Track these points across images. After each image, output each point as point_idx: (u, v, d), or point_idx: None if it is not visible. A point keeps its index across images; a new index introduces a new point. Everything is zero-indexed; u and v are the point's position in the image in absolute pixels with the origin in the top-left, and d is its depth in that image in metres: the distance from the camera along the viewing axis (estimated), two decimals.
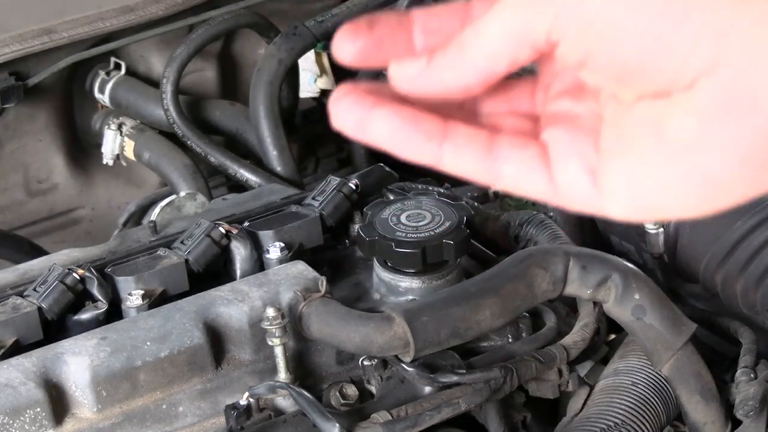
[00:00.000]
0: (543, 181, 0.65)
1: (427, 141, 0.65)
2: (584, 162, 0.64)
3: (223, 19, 2.14)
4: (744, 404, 1.35)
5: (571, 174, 0.64)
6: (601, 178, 0.63)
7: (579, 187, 0.64)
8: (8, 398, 1.26)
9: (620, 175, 0.63)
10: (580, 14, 0.60)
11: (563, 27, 0.61)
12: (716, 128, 0.59)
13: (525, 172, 0.65)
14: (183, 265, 1.46)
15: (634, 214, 0.64)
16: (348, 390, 1.36)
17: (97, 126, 2.29)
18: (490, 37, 0.63)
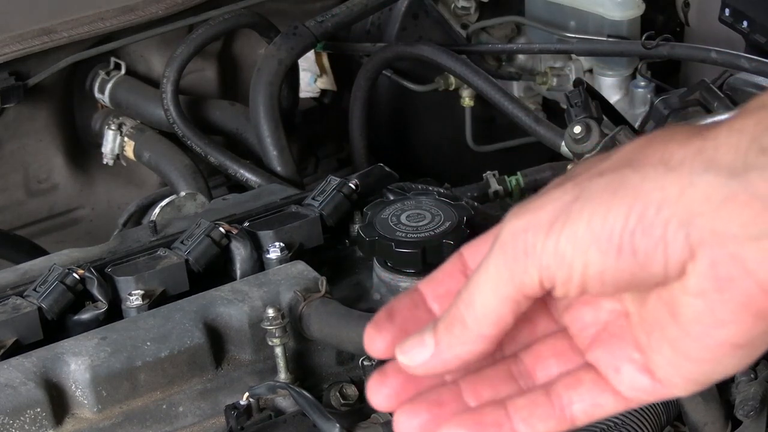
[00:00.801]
0: (612, 399, 0.70)
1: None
2: (636, 365, 0.69)
3: (223, 19, 2.14)
4: (744, 404, 1.35)
5: (630, 380, 0.69)
6: (655, 373, 0.68)
7: (644, 388, 0.69)
8: (8, 398, 1.26)
9: (667, 365, 0.67)
10: (561, 265, 0.65)
11: (551, 276, 0.66)
12: (720, 300, 0.63)
13: (592, 402, 0.70)
14: (183, 265, 1.45)
15: (696, 387, 0.68)
16: (348, 390, 1.36)
17: (97, 126, 2.29)
18: (486, 304, 0.68)
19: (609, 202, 0.64)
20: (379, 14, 2.36)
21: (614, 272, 0.64)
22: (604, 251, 0.64)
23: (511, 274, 0.66)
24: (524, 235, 0.66)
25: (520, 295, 0.67)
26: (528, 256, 0.66)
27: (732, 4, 2.08)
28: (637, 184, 0.64)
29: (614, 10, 2.26)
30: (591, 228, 0.64)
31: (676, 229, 0.62)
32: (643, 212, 0.63)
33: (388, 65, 2.25)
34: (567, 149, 1.82)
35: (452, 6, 2.43)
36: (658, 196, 0.63)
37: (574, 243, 0.65)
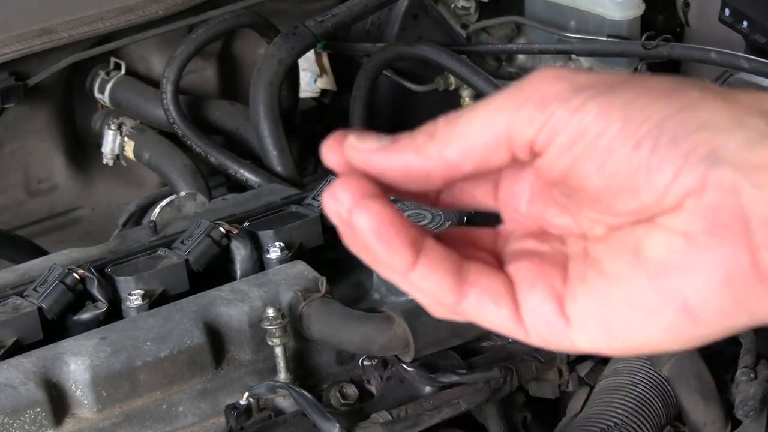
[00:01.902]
0: (508, 312, 0.62)
1: (403, 249, 0.62)
2: (550, 289, 0.62)
3: (223, 19, 2.14)
4: (744, 404, 1.35)
5: (536, 301, 0.62)
6: (568, 306, 0.61)
7: (544, 316, 0.61)
8: (8, 398, 1.26)
9: (589, 300, 0.60)
10: (573, 124, 0.59)
11: (551, 136, 0.60)
12: (702, 248, 0.57)
13: (491, 299, 0.62)
14: (183, 265, 1.45)
15: (603, 344, 0.61)
16: (348, 390, 1.36)
17: (97, 126, 2.29)
18: (466, 130, 0.62)
19: (659, 95, 0.59)
20: (379, 14, 2.36)
21: (621, 159, 0.58)
22: (625, 134, 0.58)
23: (515, 110, 0.60)
24: (552, 81, 0.60)
25: (506, 136, 0.60)
26: (543, 101, 0.59)
27: (732, 4, 2.08)
28: (695, 98, 0.59)
29: (614, 10, 2.26)
30: (627, 106, 0.59)
31: (702, 157, 0.57)
32: (685, 122, 0.58)
33: (388, 65, 2.25)
34: None
35: (452, 6, 2.43)
36: (706, 116, 0.58)
37: (601, 111, 0.59)
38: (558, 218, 0.65)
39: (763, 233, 0.57)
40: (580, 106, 0.59)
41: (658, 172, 0.58)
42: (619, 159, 0.58)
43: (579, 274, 0.62)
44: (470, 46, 2.35)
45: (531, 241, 0.65)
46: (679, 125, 0.58)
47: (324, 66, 2.40)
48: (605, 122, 0.58)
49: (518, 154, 0.61)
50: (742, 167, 0.57)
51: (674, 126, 0.58)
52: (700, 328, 0.60)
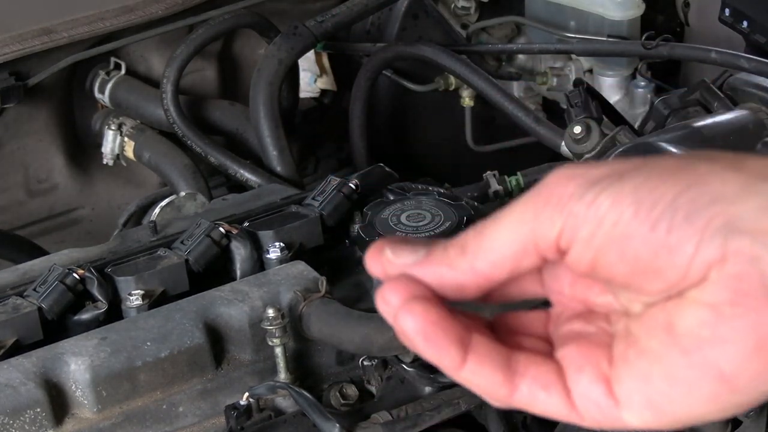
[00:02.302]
0: (560, 398, 0.65)
1: (451, 350, 0.64)
2: (597, 372, 0.64)
3: (223, 19, 2.14)
4: None
5: (585, 385, 0.64)
6: (615, 387, 0.63)
7: (594, 398, 0.63)
8: (8, 398, 1.26)
9: (633, 380, 0.63)
10: (590, 217, 0.61)
11: (573, 232, 0.62)
12: (729, 318, 0.59)
13: (541, 388, 0.65)
14: (183, 265, 1.45)
15: (652, 421, 0.63)
16: (348, 390, 1.36)
17: (97, 126, 2.29)
18: (494, 243, 0.65)
19: (668, 176, 0.61)
20: (379, 14, 2.36)
21: (640, 243, 0.60)
22: (640, 218, 0.60)
23: (535, 216, 0.63)
24: (566, 182, 0.62)
25: (533, 243, 0.63)
26: (561, 202, 0.62)
27: (732, 4, 2.08)
28: (703, 172, 0.61)
29: (614, 10, 2.26)
30: (637, 190, 0.60)
31: (718, 228, 0.59)
32: (696, 197, 0.59)
33: (388, 65, 2.25)
34: (567, 149, 1.82)
35: (452, 6, 2.43)
36: (717, 188, 0.60)
37: (614, 200, 0.61)
38: (600, 297, 0.67)
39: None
40: (594, 199, 0.61)
41: (678, 249, 0.60)
42: (637, 243, 0.60)
43: (622, 354, 0.64)
44: (470, 46, 2.35)
45: (578, 323, 0.67)
46: (691, 201, 0.60)
47: (324, 66, 2.40)
48: (618, 210, 0.61)
49: (547, 256, 0.64)
50: (759, 234, 0.58)
51: (686, 202, 0.60)
52: (739, 395, 0.61)
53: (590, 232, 0.61)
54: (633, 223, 0.60)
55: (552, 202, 0.62)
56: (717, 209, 0.59)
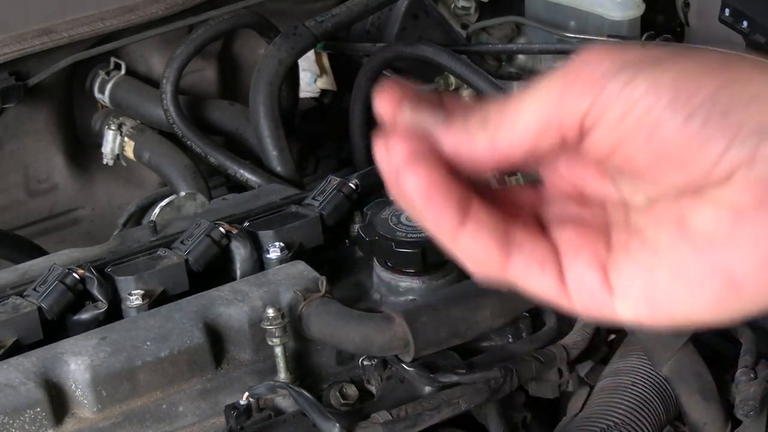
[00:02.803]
0: (553, 279, 0.62)
1: (450, 211, 0.62)
2: (595, 258, 0.62)
3: (223, 19, 2.14)
4: (744, 404, 1.35)
5: (580, 268, 0.62)
6: (612, 275, 0.61)
7: (588, 285, 0.62)
8: (8, 398, 1.26)
9: (633, 271, 0.61)
10: (623, 98, 0.59)
11: (602, 111, 0.59)
12: (749, 222, 0.57)
13: (537, 263, 0.62)
14: (183, 265, 1.45)
15: (646, 315, 0.61)
16: (348, 390, 1.36)
17: (97, 126, 2.29)
18: (519, 118, 0.62)
19: (710, 69, 0.59)
20: (379, 14, 2.36)
21: (671, 132, 0.58)
22: (676, 107, 0.58)
23: (564, 91, 0.60)
24: (600, 59, 0.60)
25: (557, 119, 0.60)
26: (592, 78, 0.59)
27: (732, 4, 2.08)
28: (746, 70, 0.59)
29: (614, 10, 2.26)
30: (676, 78, 0.58)
31: (754, 130, 0.57)
32: (736, 94, 0.58)
33: (388, 65, 2.25)
34: None
35: (452, 6, 2.43)
36: (757, 88, 0.58)
37: (651, 84, 0.58)
38: (597, 183, 0.65)
39: None
40: (630, 80, 0.58)
41: (708, 144, 0.57)
42: (669, 132, 0.58)
43: (622, 244, 0.61)
44: (470, 46, 2.35)
45: (572, 206, 0.65)
46: (730, 97, 0.57)
47: (324, 66, 2.40)
48: (655, 96, 0.58)
49: (568, 135, 0.61)
50: None
51: (726, 98, 0.58)
52: (744, 301, 0.59)
53: (621, 114, 0.59)
54: (668, 111, 0.58)
55: (583, 77, 0.59)
56: (755, 109, 0.57)
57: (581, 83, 0.60)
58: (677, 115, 0.58)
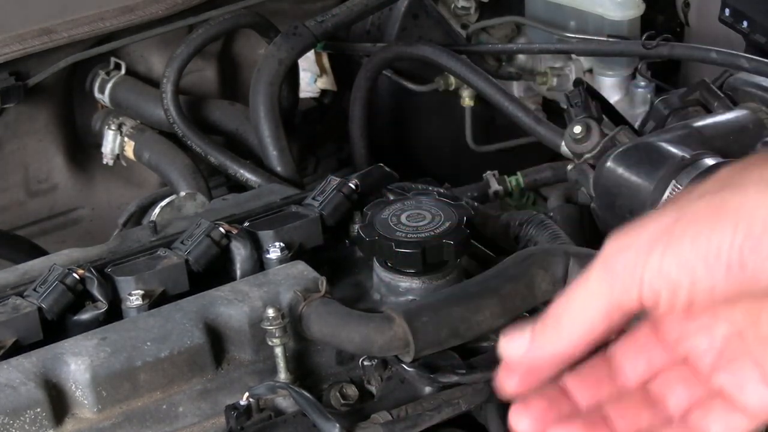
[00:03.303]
0: (743, 417, 0.72)
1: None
2: (758, 381, 0.72)
3: (223, 19, 2.15)
4: None
5: (756, 396, 0.72)
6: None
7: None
8: (8, 398, 1.26)
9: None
10: (666, 283, 0.68)
11: (654, 294, 0.69)
12: None
13: (727, 425, 0.73)
14: (183, 265, 1.45)
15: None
16: (348, 390, 1.36)
17: (97, 126, 2.29)
18: (580, 309, 0.71)
19: (713, 222, 0.66)
20: (379, 14, 2.37)
21: (725, 286, 0.67)
22: (711, 268, 0.66)
23: (610, 289, 0.69)
24: (626, 252, 0.69)
25: (616, 309, 0.70)
26: (629, 273, 0.68)
27: (732, 4, 2.08)
28: (740, 203, 0.66)
29: (614, 10, 2.26)
30: (696, 247, 0.66)
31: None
32: (750, 229, 0.65)
33: (388, 65, 2.25)
34: (567, 149, 1.82)
35: (452, 6, 2.43)
36: (764, 213, 0.65)
37: (679, 262, 0.67)
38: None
39: None
40: (660, 262, 0.68)
41: (758, 278, 0.67)
42: (721, 286, 0.68)
43: (764, 357, 0.73)
44: (470, 46, 2.35)
45: (703, 338, 0.76)
46: (746, 237, 0.66)
47: (324, 66, 2.40)
48: (689, 271, 0.68)
49: (632, 311, 0.71)
50: None
51: (744, 239, 0.66)
52: None
53: (672, 293, 0.68)
54: (708, 276, 0.67)
55: (620, 273, 0.69)
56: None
57: (621, 280, 0.70)
58: (718, 275, 0.67)
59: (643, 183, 1.60)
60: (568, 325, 0.72)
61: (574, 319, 0.72)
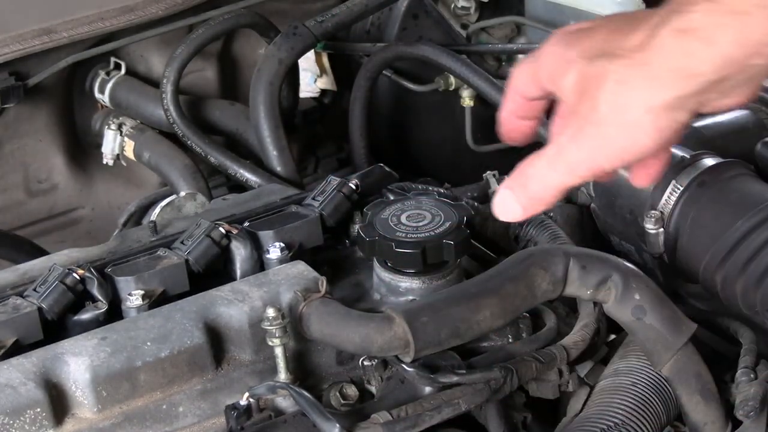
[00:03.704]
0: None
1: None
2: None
3: (223, 19, 2.15)
4: (744, 404, 1.35)
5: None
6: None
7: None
8: (8, 398, 1.26)
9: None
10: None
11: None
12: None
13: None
14: (183, 265, 1.45)
15: None
16: (348, 390, 1.36)
17: (97, 126, 2.29)
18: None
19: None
20: (379, 14, 2.37)
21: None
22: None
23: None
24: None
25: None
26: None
27: None
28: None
29: (614, 10, 2.26)
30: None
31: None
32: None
33: (388, 65, 2.25)
34: None
35: (452, 6, 2.43)
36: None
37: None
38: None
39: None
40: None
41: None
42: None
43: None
44: (470, 46, 2.35)
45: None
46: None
47: (324, 66, 2.40)
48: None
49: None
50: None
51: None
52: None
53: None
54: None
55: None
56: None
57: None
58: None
59: None
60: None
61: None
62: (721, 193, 1.53)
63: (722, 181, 1.54)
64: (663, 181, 1.57)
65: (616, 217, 1.66)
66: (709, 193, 1.53)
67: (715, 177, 1.55)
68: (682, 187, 1.55)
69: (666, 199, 1.56)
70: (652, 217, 1.56)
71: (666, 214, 1.56)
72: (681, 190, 1.55)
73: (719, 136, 1.70)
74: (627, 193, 1.63)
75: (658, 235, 1.57)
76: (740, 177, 1.55)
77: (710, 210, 1.52)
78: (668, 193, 1.56)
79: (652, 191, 1.58)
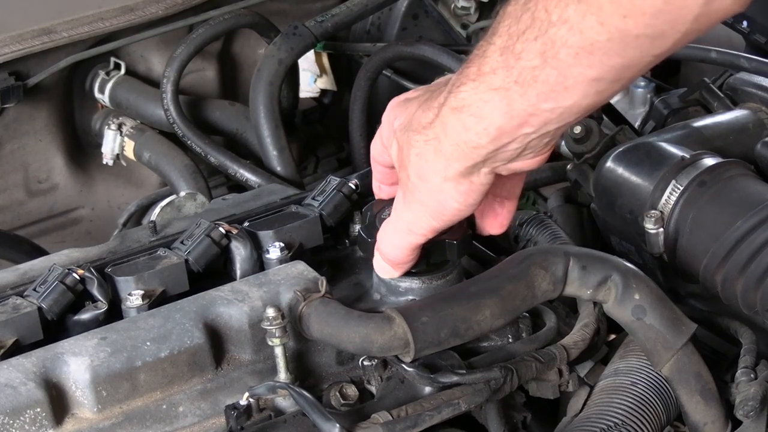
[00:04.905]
0: None
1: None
2: None
3: (223, 19, 2.15)
4: (744, 404, 1.35)
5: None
6: None
7: None
8: (8, 398, 1.26)
9: None
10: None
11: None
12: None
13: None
14: (183, 265, 1.45)
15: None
16: (348, 390, 1.36)
17: (97, 126, 2.29)
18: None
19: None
20: (379, 14, 2.37)
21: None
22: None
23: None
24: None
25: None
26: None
27: None
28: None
29: None
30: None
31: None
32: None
33: (388, 65, 2.25)
34: (567, 149, 1.82)
35: (452, 6, 2.43)
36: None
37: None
38: None
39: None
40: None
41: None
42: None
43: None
44: (470, 46, 2.35)
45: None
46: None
47: (324, 66, 2.40)
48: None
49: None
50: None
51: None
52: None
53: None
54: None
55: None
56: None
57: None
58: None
59: (643, 183, 1.60)
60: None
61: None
62: (721, 193, 1.53)
63: (722, 181, 1.54)
64: (663, 181, 1.57)
65: (616, 217, 1.66)
66: (709, 193, 1.53)
67: (715, 177, 1.55)
68: (682, 186, 1.55)
69: (666, 198, 1.56)
70: (652, 216, 1.56)
71: (666, 214, 1.56)
72: (681, 190, 1.55)
73: (719, 136, 1.70)
74: (627, 193, 1.63)
75: (658, 235, 1.57)
76: (740, 177, 1.55)
77: (710, 210, 1.52)
78: (668, 192, 1.56)
79: (652, 191, 1.58)
